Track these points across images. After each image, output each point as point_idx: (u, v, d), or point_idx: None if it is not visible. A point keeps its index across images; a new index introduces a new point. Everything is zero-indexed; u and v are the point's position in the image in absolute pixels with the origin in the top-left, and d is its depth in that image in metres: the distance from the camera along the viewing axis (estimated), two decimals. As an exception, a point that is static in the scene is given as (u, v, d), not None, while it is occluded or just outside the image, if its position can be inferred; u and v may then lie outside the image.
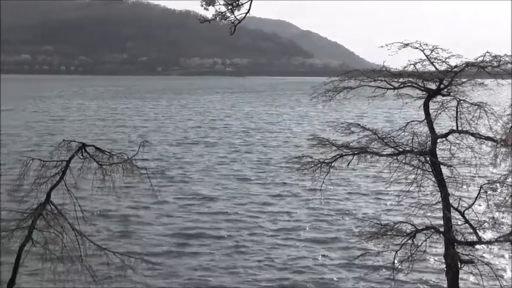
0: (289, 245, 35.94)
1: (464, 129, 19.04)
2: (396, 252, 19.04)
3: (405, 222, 19.43)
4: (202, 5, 11.92)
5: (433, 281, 29.34)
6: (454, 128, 19.26)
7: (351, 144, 19.83)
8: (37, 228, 19.64)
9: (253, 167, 63.17)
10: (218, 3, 12.01)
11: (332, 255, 33.95)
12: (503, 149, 18.16)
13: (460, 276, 18.88)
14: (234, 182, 54.97)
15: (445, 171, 19.13)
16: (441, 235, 18.82)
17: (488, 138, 18.60)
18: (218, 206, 45.22)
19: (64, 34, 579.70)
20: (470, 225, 18.65)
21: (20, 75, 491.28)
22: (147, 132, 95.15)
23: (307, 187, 48.00)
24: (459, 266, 18.61)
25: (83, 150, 20.81)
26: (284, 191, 50.93)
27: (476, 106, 18.88)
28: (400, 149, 19.26)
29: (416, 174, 19.26)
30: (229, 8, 12.07)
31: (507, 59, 18.41)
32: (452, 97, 19.47)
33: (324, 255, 33.91)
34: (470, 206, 19.00)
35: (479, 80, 19.40)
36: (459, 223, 18.82)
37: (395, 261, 19.14)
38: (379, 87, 20.13)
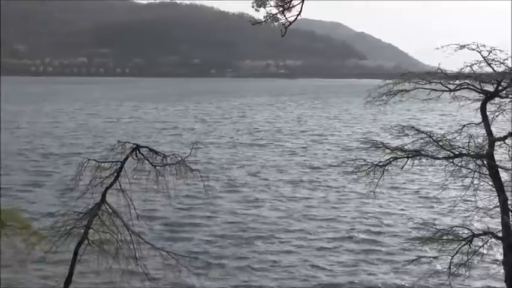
0: (342, 249, 35.66)
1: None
2: (452, 257, 18.70)
3: (461, 227, 19.07)
4: (253, 7, 11.91)
5: (491, 288, 28.72)
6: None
7: (405, 147, 19.58)
8: (93, 228, 19.95)
9: (303, 170, 62.75)
10: (269, 5, 11.99)
11: (386, 259, 33.55)
12: None
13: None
14: (284, 185, 54.60)
15: (503, 175, 18.72)
16: (499, 240, 18.41)
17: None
18: (268, 209, 45.06)
19: (119, 37, 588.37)
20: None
21: (77, 78, 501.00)
22: (200, 134, 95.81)
23: (359, 191, 47.57)
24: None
25: (137, 152, 21.07)
26: (336, 194, 50.53)
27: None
28: (456, 152, 18.90)
29: (472, 177, 18.89)
30: (280, 9, 12.03)
31: None
32: (510, 99, 19.05)
33: (377, 259, 33.55)
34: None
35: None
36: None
37: (451, 267, 18.79)
38: (435, 90, 19.83)
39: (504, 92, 19.15)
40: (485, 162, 18.69)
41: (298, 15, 11.92)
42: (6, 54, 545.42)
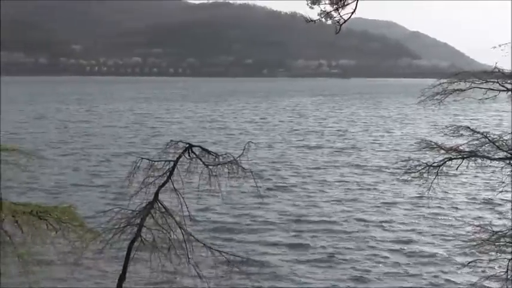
0: (395, 252, 35.24)
1: None
2: (509, 260, 18.26)
3: (520, 229, 18.62)
4: (307, 4, 11.86)
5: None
6: None
7: (460, 147, 19.22)
8: (146, 226, 20.18)
9: (355, 171, 62.15)
10: (324, 3, 11.91)
11: (439, 262, 33.02)
12: None
13: None
14: (336, 186, 54.13)
15: None
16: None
17: None
18: (320, 212, 44.62)
19: (173, 37, 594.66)
20: None
21: (131, 78, 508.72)
22: (250, 134, 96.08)
23: (412, 192, 46.99)
24: None
25: (190, 151, 21.22)
26: (388, 196, 49.93)
27: None
28: (514, 153, 18.48)
29: (531, 179, 18.45)
30: (334, 7, 11.94)
31: None
32: None
33: (431, 262, 33.03)
34: None
35: None
36: None
37: (509, 271, 18.35)
38: (491, 89, 19.42)
39: None
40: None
41: (352, 12, 11.82)
42: (63, 54, 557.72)
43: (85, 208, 38.20)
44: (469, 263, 21.13)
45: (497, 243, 18.07)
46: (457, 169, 19.37)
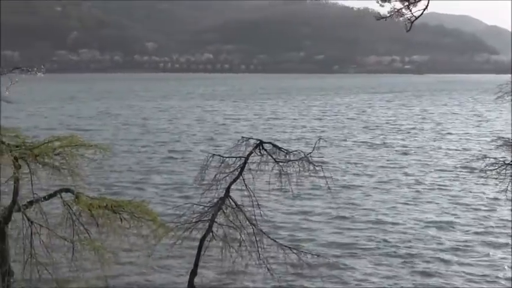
0: (474, 254, 34.44)
1: None
2: None
3: None
4: (378, 2, 11.72)
5: None
6: None
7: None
8: (217, 222, 20.37)
9: (426, 170, 60.46)
10: (394, 0, 11.74)
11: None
12: None
13: None
14: (407, 186, 52.62)
15: None
16: None
17: None
18: (391, 212, 43.56)
19: (245, 34, 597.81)
20: None
21: (203, 74, 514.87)
22: (319, 131, 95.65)
23: (488, 192, 45.75)
24: None
25: (261, 147, 21.30)
26: (463, 196, 48.57)
27: None
28: None
29: None
30: (405, 4, 11.75)
31: None
32: None
33: (502, 266, 32.09)
34: None
35: None
36: None
37: None
38: None
39: None
40: None
41: (424, 9, 11.59)
42: (137, 52, 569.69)
43: (157, 203, 38.93)
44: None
45: None
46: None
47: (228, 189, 20.90)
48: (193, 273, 21.75)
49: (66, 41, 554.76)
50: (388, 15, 11.84)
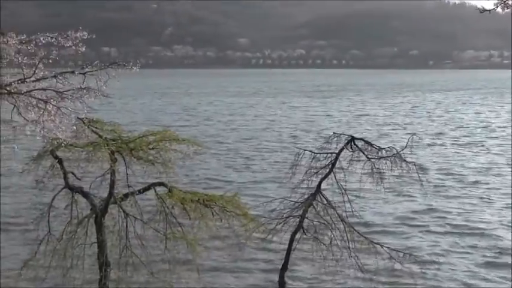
0: None
1: None
2: None
3: None
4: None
5: None
6: None
7: None
8: (307, 217, 20.34)
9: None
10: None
11: None
12: None
13: None
14: (505, 187, 49.75)
15: None
16: None
17: None
18: (486, 215, 41.70)
19: (337, 29, 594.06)
20: None
21: (295, 70, 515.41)
22: (414, 127, 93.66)
23: None
24: None
25: (352, 144, 21.10)
26: None
27: None
28: None
29: None
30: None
31: None
32: None
33: None
34: None
35: None
36: None
37: None
38: None
39: None
40: None
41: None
42: (229, 47, 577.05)
43: (248, 198, 39.19)
44: None
45: None
46: None
47: (319, 185, 20.83)
48: (284, 268, 21.81)
49: (160, 37, 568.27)
50: (494, 6, 11.38)
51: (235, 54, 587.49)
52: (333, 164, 20.82)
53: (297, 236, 20.56)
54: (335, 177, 20.70)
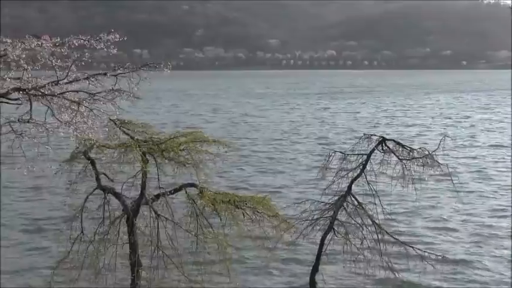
0: None
1: None
2: None
3: None
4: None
5: None
6: None
7: None
8: (338, 219, 20.25)
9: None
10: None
11: None
12: None
13: None
14: None
15: None
16: None
17: None
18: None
19: (368, 29, 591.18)
20: None
21: (326, 71, 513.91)
22: (447, 128, 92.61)
23: None
24: None
25: (383, 144, 20.97)
26: None
27: None
28: None
29: None
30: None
31: None
32: None
33: None
34: None
35: None
36: None
37: None
38: None
39: None
40: None
41: None
42: (259, 48, 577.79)
43: (278, 199, 39.16)
44: None
45: None
46: None
47: (350, 186, 20.74)
48: (315, 269, 21.76)
49: (192, 39, 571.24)
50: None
51: (266, 56, 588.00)
52: (364, 165, 20.71)
53: (328, 237, 20.50)
54: (366, 178, 20.59)
